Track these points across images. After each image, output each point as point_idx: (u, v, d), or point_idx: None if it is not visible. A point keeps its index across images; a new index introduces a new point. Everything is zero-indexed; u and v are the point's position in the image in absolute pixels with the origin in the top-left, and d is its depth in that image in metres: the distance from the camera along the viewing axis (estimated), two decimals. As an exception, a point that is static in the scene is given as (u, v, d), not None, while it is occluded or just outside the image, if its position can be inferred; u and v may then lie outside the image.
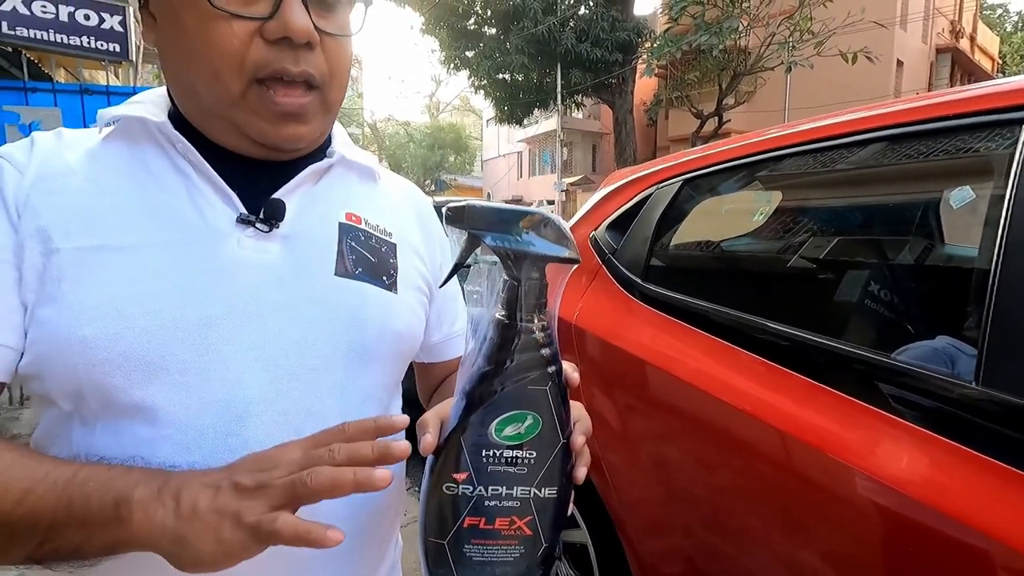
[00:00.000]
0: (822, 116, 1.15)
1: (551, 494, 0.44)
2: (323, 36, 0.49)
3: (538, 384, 0.42)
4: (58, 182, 0.47)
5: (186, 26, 0.46)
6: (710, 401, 1.05)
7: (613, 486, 1.35)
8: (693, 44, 9.03)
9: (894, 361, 0.89)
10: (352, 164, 0.59)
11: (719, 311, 1.16)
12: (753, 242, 1.41)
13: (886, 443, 0.81)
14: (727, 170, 1.29)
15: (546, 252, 0.41)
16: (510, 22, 11.37)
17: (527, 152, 26.50)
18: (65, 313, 0.43)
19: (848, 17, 8.59)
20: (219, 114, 0.49)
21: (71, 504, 0.38)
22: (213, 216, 0.49)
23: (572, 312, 1.54)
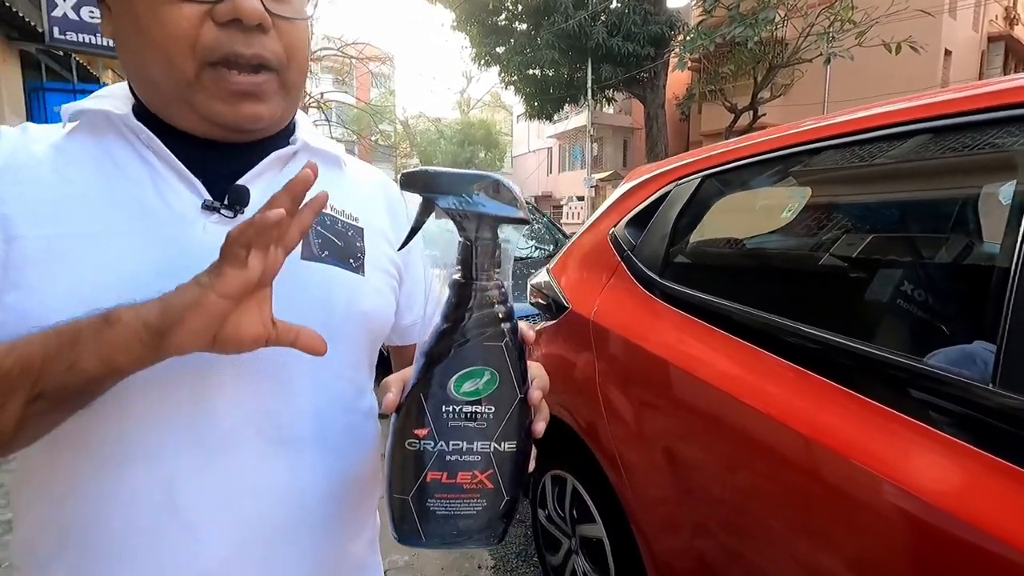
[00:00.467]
0: (847, 110, 1.13)
1: (511, 448, 0.45)
2: (276, 19, 0.49)
3: (494, 340, 0.43)
4: (23, 173, 0.47)
5: (138, 13, 0.46)
6: (731, 402, 1.04)
7: (629, 482, 1.36)
8: (727, 36, 8.81)
9: (924, 366, 0.86)
10: (317, 151, 0.59)
11: (739, 309, 1.15)
12: (774, 239, 1.39)
13: (915, 451, 0.79)
14: (747, 166, 1.27)
15: (497, 212, 0.43)
16: (541, 17, 11.31)
17: (557, 148, 26.38)
18: (34, 298, 0.44)
19: (892, 6, 8.26)
20: (176, 98, 0.49)
21: (59, 335, 0.40)
22: (178, 203, 0.50)
23: (590, 308, 1.54)
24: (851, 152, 1.13)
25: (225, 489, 0.49)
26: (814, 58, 9.24)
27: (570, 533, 1.69)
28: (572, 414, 1.61)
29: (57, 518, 0.48)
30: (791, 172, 1.29)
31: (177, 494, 0.47)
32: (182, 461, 0.47)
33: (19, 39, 3.85)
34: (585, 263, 1.72)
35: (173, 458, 0.47)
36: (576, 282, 1.72)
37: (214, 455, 0.48)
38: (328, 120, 12.96)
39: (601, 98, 13.44)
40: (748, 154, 1.27)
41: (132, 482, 0.47)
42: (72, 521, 0.47)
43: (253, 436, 0.50)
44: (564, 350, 1.68)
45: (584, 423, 1.55)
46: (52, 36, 3.87)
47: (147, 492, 0.47)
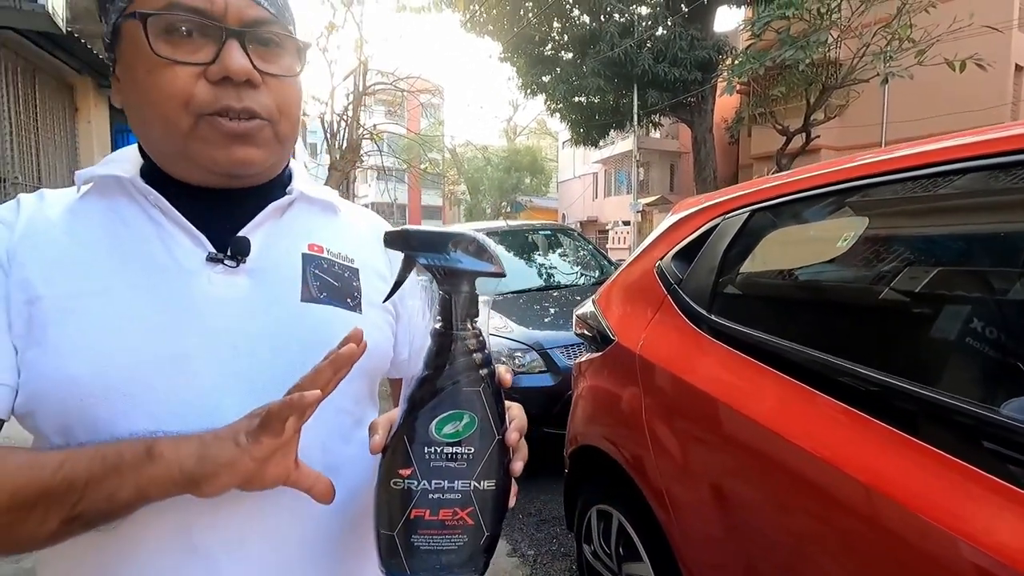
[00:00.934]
0: (899, 146, 1.10)
1: (490, 486, 0.48)
2: (265, 77, 0.53)
3: (472, 385, 0.47)
4: (41, 237, 0.51)
5: (139, 78, 0.51)
6: (782, 443, 1.02)
7: (676, 520, 1.33)
8: (777, 60, 8.66)
9: (1001, 416, 0.80)
10: (313, 199, 0.62)
11: (790, 347, 1.12)
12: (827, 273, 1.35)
13: (988, 507, 0.74)
14: (798, 200, 1.25)
15: (473, 268, 0.47)
16: (587, 47, 11.48)
17: (603, 173, 26.39)
18: (51, 354, 0.47)
19: (954, 22, 7.92)
20: (176, 151, 0.52)
21: (105, 459, 0.43)
22: (184, 256, 0.53)
23: (637, 342, 1.54)
24: (912, 185, 1.10)
25: (239, 525, 0.51)
26: (871, 78, 8.94)
27: (616, 571, 1.66)
28: (618, 448, 1.59)
29: (83, 558, 0.50)
30: (844, 205, 1.26)
31: (194, 532, 0.50)
32: (198, 506, 0.48)
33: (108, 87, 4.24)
34: (631, 295, 1.72)
35: (190, 504, 0.48)
36: (622, 315, 1.71)
37: (227, 500, 0.49)
38: (380, 150, 13.46)
39: (647, 123, 13.43)
40: (799, 188, 1.25)
41: (152, 521, 0.49)
42: (97, 561, 0.50)
43: None
44: (609, 383, 1.68)
45: (630, 457, 1.53)
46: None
47: (166, 529, 0.50)
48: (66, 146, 3.95)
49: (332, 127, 11.89)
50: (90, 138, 4.13)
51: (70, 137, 3.99)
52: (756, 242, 1.36)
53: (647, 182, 22.26)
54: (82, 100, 4.06)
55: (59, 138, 3.86)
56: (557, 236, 5.27)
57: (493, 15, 12.22)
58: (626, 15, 11.66)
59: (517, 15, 12.02)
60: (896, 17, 8.26)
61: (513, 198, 29.18)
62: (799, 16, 8.53)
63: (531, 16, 12.01)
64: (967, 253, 1.33)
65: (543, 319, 3.58)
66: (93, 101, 4.09)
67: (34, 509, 0.43)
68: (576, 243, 5.24)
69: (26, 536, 0.44)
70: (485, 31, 12.71)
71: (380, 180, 15.19)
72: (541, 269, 4.68)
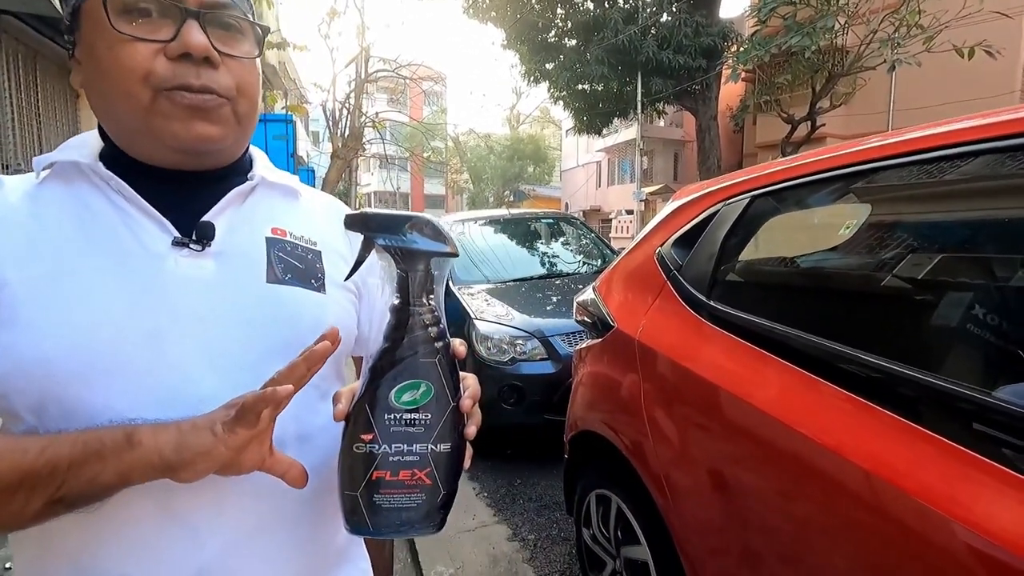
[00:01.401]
0: (906, 129, 1.09)
1: (446, 449, 0.52)
2: (224, 57, 0.54)
3: (429, 357, 0.50)
4: (3, 222, 0.51)
5: (99, 56, 0.52)
6: (780, 428, 1.02)
7: (675, 505, 1.34)
8: (783, 46, 8.56)
9: (994, 400, 0.80)
10: (274, 185, 0.65)
11: (788, 332, 1.13)
12: (826, 259, 1.35)
13: (985, 490, 0.75)
14: (797, 187, 1.25)
15: (427, 248, 0.50)
16: (590, 33, 11.36)
17: (606, 161, 26.25)
18: (24, 334, 0.48)
19: (964, 8, 7.80)
20: (136, 128, 0.53)
21: (86, 444, 0.45)
22: (150, 241, 0.54)
23: (636, 328, 1.54)
24: (914, 171, 1.09)
25: (215, 489, 0.52)
26: (878, 65, 8.83)
27: (615, 554, 1.67)
28: (617, 433, 1.60)
29: (63, 520, 0.50)
30: (845, 191, 1.26)
31: (172, 495, 0.51)
32: None
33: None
34: (631, 282, 1.72)
35: None
36: (622, 301, 1.72)
37: None
38: (383, 138, 13.41)
39: (651, 111, 13.32)
40: (799, 174, 1.25)
41: (134, 497, 0.49)
42: (77, 521, 0.50)
43: None
44: (609, 369, 1.68)
45: (629, 443, 1.54)
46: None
47: (148, 504, 0.51)
48: (68, 132, 3.95)
49: (334, 115, 11.84)
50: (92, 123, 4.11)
51: (72, 122, 3.98)
52: (756, 228, 1.36)
53: (651, 171, 22.14)
54: (83, 86, 4.05)
55: (61, 124, 3.85)
56: (559, 224, 5.26)
57: (496, 1, 12.09)
58: (630, 1, 11.53)
59: (520, 2, 11.89)
60: (904, 3, 8.14)
61: (516, 187, 29.09)
62: (805, 2, 8.42)
63: (534, 3, 11.88)
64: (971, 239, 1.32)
65: (545, 307, 3.59)
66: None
67: (17, 492, 0.44)
68: (578, 231, 5.22)
69: (9, 516, 0.46)
70: (488, 18, 12.58)
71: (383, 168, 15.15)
72: (543, 257, 4.68)
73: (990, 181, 1.04)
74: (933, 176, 1.09)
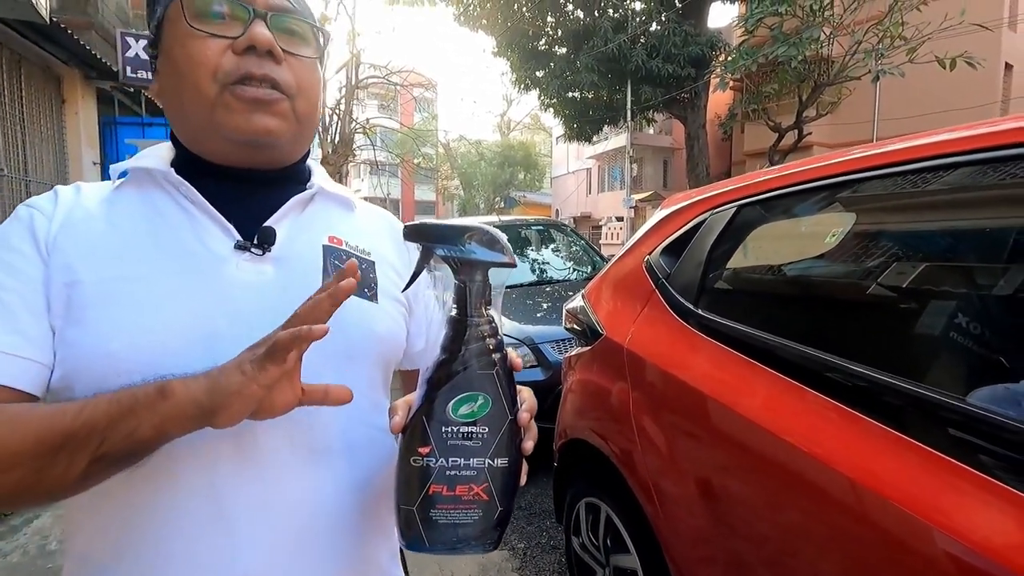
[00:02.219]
0: (892, 140, 1.11)
1: (503, 464, 0.50)
2: (287, 55, 0.58)
3: (486, 369, 0.49)
4: (81, 226, 0.55)
5: (175, 56, 0.56)
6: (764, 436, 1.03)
7: (663, 514, 1.34)
8: (770, 56, 8.68)
9: (966, 406, 0.82)
10: (331, 195, 0.67)
11: (774, 341, 1.13)
12: (810, 269, 1.36)
13: (961, 497, 0.76)
14: (783, 196, 1.26)
15: (486, 258, 0.50)
16: (580, 42, 11.44)
17: (596, 169, 26.39)
18: (92, 333, 0.51)
19: (945, 20, 7.96)
20: (203, 123, 0.57)
21: (120, 402, 0.46)
22: (214, 244, 0.57)
23: (625, 336, 1.55)
24: (897, 181, 1.10)
25: (262, 497, 0.54)
26: (862, 75, 8.98)
27: (604, 563, 1.67)
28: (607, 441, 1.60)
29: (113, 519, 0.53)
30: (829, 201, 1.27)
31: (221, 501, 0.52)
32: (225, 470, 0.53)
33: (96, 78, 4.21)
34: (620, 290, 1.73)
35: (217, 468, 0.53)
36: (611, 309, 1.72)
37: (253, 466, 0.54)
38: (373, 145, 13.39)
39: (641, 119, 13.42)
40: (784, 183, 1.26)
41: (181, 490, 0.52)
42: (127, 522, 0.52)
43: (286, 448, 0.55)
44: (598, 377, 1.68)
45: (619, 451, 1.54)
46: (125, 74, 4.20)
47: (194, 499, 0.52)
48: (53, 138, 3.90)
49: (324, 121, 11.82)
50: (77, 130, 4.09)
51: (57, 129, 3.93)
52: (743, 237, 1.37)
53: (640, 178, 22.29)
54: (69, 91, 4.00)
55: (46, 130, 3.80)
56: (549, 231, 5.28)
57: (487, 9, 12.15)
58: (620, 10, 11.64)
59: (511, 9, 11.96)
60: (888, 15, 8.30)
61: (507, 193, 29.13)
62: (791, 13, 8.55)
63: (525, 11, 11.96)
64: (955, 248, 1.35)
65: (534, 314, 3.59)
66: (81, 92, 4.04)
67: (60, 452, 0.45)
68: (568, 239, 5.24)
69: (57, 480, 0.46)
70: (479, 25, 12.64)
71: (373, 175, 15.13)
72: (533, 264, 4.69)
73: (971, 192, 1.06)
74: (916, 186, 1.11)
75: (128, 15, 5.98)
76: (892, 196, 1.19)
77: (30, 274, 0.52)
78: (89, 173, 4.17)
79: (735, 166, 16.98)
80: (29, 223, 0.55)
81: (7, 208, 3.29)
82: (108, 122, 4.36)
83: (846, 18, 8.51)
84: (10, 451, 0.45)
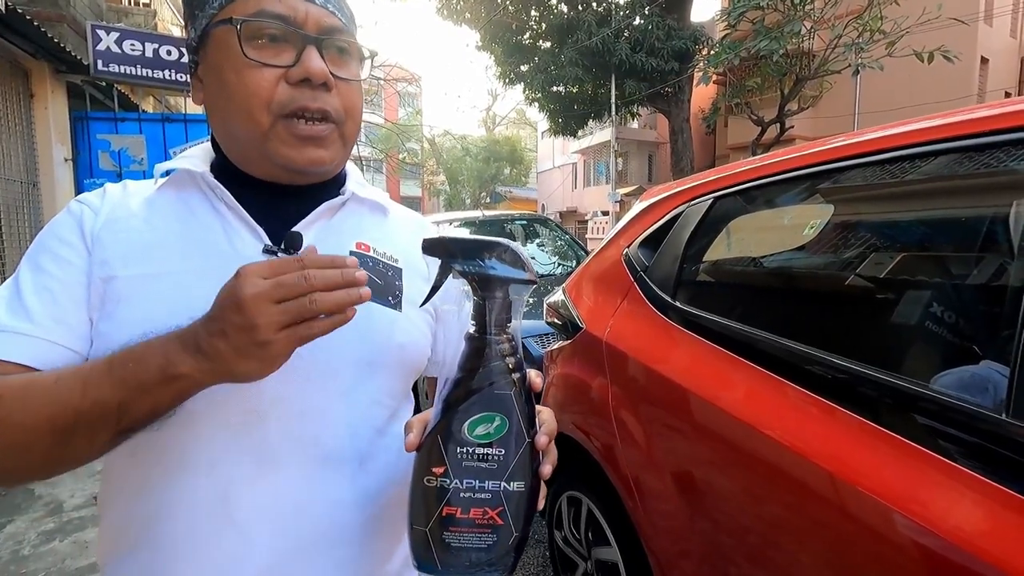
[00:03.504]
0: (865, 130, 1.11)
1: (519, 488, 0.48)
2: (337, 81, 0.58)
3: (504, 389, 0.48)
4: (121, 223, 0.57)
5: (227, 80, 0.56)
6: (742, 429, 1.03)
7: (643, 507, 1.34)
8: (752, 50, 8.74)
9: (929, 391, 0.83)
10: (364, 200, 0.67)
11: (750, 332, 1.13)
12: (784, 261, 1.37)
13: (929, 484, 0.76)
14: (758, 187, 1.26)
15: (506, 275, 0.48)
16: (564, 36, 11.42)
17: (582, 163, 26.43)
18: (119, 327, 0.52)
19: (923, 15, 8.07)
20: (253, 149, 0.58)
21: (124, 384, 0.46)
22: (243, 246, 0.58)
23: (604, 329, 1.54)
24: (870, 171, 1.11)
25: (273, 500, 0.54)
26: (843, 69, 9.08)
27: (586, 555, 1.67)
28: (587, 435, 1.60)
29: (133, 516, 0.55)
30: (805, 192, 1.27)
31: (232, 502, 0.53)
32: (237, 472, 0.54)
33: (67, 72, 4.09)
34: (599, 283, 1.72)
35: (229, 469, 0.53)
36: (591, 302, 1.72)
37: (264, 469, 0.54)
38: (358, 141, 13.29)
39: (625, 113, 13.46)
40: (759, 175, 1.26)
41: (194, 489, 0.53)
42: (144, 519, 0.54)
43: (298, 454, 0.56)
44: (579, 371, 1.68)
45: (599, 445, 1.53)
46: (96, 68, 4.10)
47: (206, 498, 0.53)
48: (22, 134, 3.79)
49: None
50: (47, 125, 3.97)
51: (26, 125, 3.82)
52: (719, 229, 1.37)
53: (626, 172, 22.37)
54: (38, 85, 3.88)
55: (14, 124, 3.69)
56: (534, 226, 5.26)
57: (470, 3, 12.08)
58: (603, 4, 11.64)
59: (494, 3, 11.90)
60: (867, 9, 8.40)
61: (492, 188, 29.07)
62: (773, 7, 8.61)
63: (508, 4, 11.90)
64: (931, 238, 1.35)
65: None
66: (50, 87, 3.92)
67: (76, 432, 0.46)
68: (553, 233, 5.23)
69: (84, 451, 0.47)
70: (462, 19, 12.56)
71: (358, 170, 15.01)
72: (517, 259, 4.67)
73: (947, 181, 1.06)
74: (890, 176, 1.11)
75: (101, 7, 5.83)
76: (866, 187, 1.20)
77: (76, 266, 0.55)
78: (60, 169, 4.06)
79: (719, 159, 17.10)
80: (79, 217, 0.58)
81: (-25, 206, 3.20)
82: (79, 117, 4.24)
83: (826, 12, 8.59)
84: (26, 428, 0.46)
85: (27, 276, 0.55)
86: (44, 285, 0.54)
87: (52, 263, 0.55)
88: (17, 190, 3.69)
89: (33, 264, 0.55)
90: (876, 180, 1.14)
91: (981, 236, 1.37)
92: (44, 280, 0.54)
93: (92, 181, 4.26)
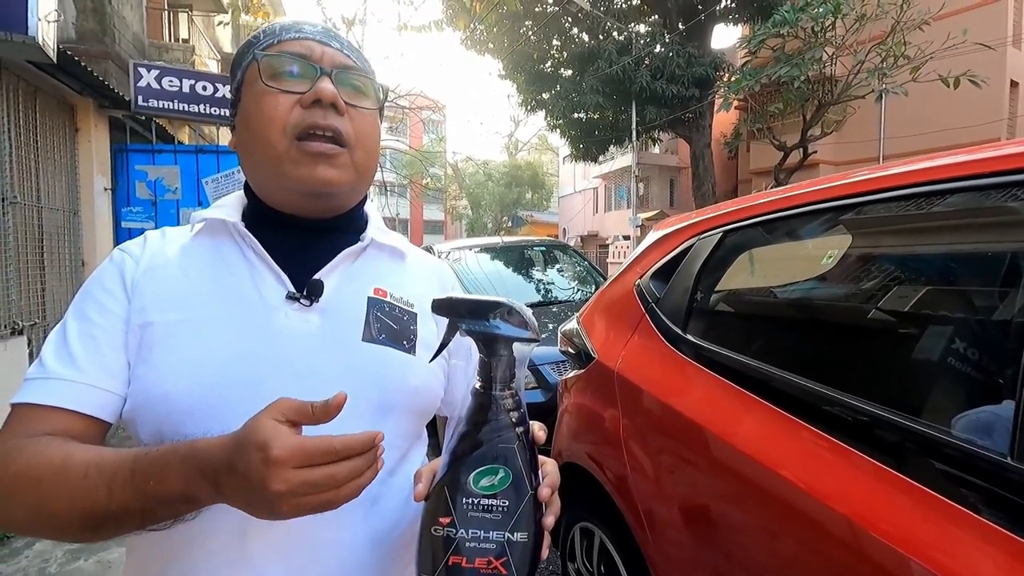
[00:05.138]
0: (876, 167, 1.12)
1: (523, 538, 0.50)
2: (349, 108, 0.62)
3: (508, 443, 0.50)
4: (159, 271, 0.61)
5: (249, 111, 0.62)
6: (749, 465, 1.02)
7: (653, 540, 1.33)
8: (773, 76, 8.74)
9: (945, 436, 0.79)
10: (383, 246, 0.71)
11: (759, 367, 1.13)
12: (794, 295, 1.36)
13: (946, 532, 0.74)
14: (767, 222, 1.27)
15: (510, 334, 0.51)
16: (585, 64, 11.59)
17: (603, 188, 26.50)
18: (153, 372, 0.56)
19: (948, 40, 8.00)
20: (271, 173, 0.62)
21: (147, 496, 0.48)
22: (268, 293, 0.61)
23: (615, 360, 1.55)
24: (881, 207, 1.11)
25: (287, 540, 0.56)
26: (866, 95, 9.01)
27: (599, 590, 1.65)
28: (599, 466, 1.59)
29: (154, 554, 0.58)
30: (816, 227, 1.28)
31: (248, 541, 0.55)
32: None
33: (109, 107, 4.32)
34: (612, 314, 1.73)
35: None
36: (603, 332, 1.73)
37: None
38: (382, 166, 13.60)
39: (646, 139, 13.52)
40: (769, 210, 1.27)
41: (212, 529, 0.55)
42: (165, 557, 0.57)
43: None
44: (591, 401, 1.68)
45: (611, 476, 1.53)
46: (137, 104, 4.32)
47: (224, 537, 0.55)
48: (66, 166, 4.00)
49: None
50: (90, 157, 4.18)
51: (70, 157, 4.03)
52: (729, 263, 1.38)
53: (647, 197, 22.34)
54: (83, 120, 4.11)
55: (59, 158, 3.90)
56: (553, 252, 5.29)
57: (493, 33, 12.38)
58: (624, 33, 11.81)
59: (517, 33, 12.18)
60: (890, 34, 8.36)
61: (514, 213, 29.30)
62: (793, 34, 8.63)
63: (530, 34, 12.17)
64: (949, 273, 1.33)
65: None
66: (94, 121, 4.15)
67: (104, 525, 0.49)
68: (572, 259, 5.25)
69: (112, 536, 0.51)
70: (485, 49, 12.86)
71: (382, 195, 15.32)
72: (537, 285, 4.70)
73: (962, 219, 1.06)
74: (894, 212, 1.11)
75: (144, 44, 6.17)
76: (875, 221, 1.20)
77: (117, 313, 0.59)
78: (100, 199, 4.26)
79: (741, 184, 16.98)
80: (121, 266, 0.62)
81: (19, 236, 3.37)
82: (120, 149, 4.46)
83: (848, 38, 8.57)
84: (60, 516, 0.49)
85: (73, 324, 0.59)
86: (88, 333, 0.58)
87: (96, 311, 0.59)
88: (59, 219, 3.88)
89: (79, 312, 0.59)
90: (883, 216, 1.14)
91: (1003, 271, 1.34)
92: (88, 328, 0.58)
93: (129, 209, 4.46)
